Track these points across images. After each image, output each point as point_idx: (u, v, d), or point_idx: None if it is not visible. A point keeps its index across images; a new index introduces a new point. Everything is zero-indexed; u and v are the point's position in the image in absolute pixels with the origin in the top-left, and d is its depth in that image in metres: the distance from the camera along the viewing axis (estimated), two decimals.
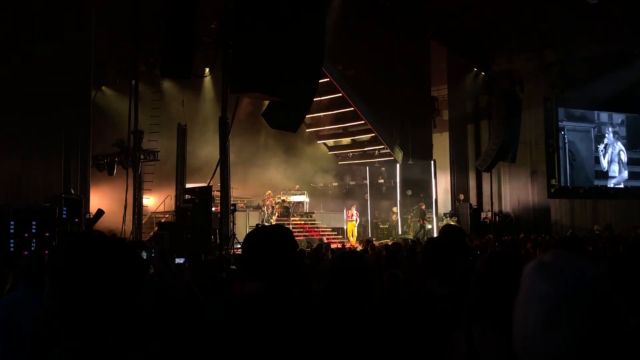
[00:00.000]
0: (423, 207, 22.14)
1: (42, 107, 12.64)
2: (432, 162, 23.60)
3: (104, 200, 17.38)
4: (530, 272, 1.37)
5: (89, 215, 12.38)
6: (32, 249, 9.85)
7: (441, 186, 24.05)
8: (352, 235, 20.04)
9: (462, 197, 23.62)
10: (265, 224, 18.01)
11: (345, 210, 21.29)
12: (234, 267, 6.42)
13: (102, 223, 12.56)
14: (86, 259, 1.55)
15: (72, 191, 12.49)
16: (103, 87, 19.38)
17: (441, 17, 19.40)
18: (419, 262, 6.90)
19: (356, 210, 20.39)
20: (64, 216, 11.15)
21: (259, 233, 2.21)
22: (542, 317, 1.29)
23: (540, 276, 1.34)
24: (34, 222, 10.24)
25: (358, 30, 19.82)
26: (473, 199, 24.34)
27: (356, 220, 20.43)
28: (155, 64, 16.73)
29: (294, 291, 2.08)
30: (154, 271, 2.99)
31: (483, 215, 23.46)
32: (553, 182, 22.35)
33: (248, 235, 2.22)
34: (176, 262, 6.25)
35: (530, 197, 24.13)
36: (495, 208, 24.48)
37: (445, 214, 23.11)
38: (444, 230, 3.96)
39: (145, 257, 3.04)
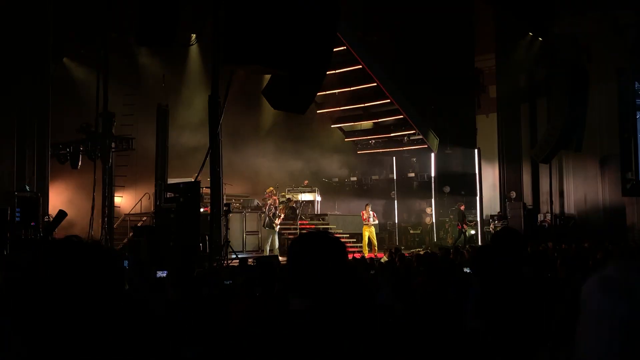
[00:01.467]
0: (462, 208, 22.07)
1: None
2: (476, 151, 23.53)
3: (66, 199, 17.55)
4: (597, 289, 1.40)
5: (49, 217, 12.50)
6: None
7: (487, 181, 23.98)
8: (372, 244, 19.64)
9: (513, 194, 23.53)
10: (267, 228, 18.09)
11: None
12: (229, 282, 6.46)
13: (64, 227, 12.68)
14: (69, 281, 1.55)
15: (27, 188, 12.61)
16: (64, 59, 19.49)
17: None
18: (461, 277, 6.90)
19: (372, 210, 19.99)
20: (17, 219, 11.27)
21: (303, 241, 2.32)
22: (617, 342, 1.31)
23: (610, 294, 1.37)
24: None
25: None
26: (527, 198, 24.21)
27: (373, 223, 19.94)
28: (129, 29, 16.79)
29: (345, 310, 2.15)
30: (128, 286, 3.03)
31: (540, 217, 23.35)
32: (629, 175, 22.15)
33: (294, 242, 2.34)
34: (157, 275, 6.30)
35: (599, 195, 23.93)
36: (556, 209, 24.34)
37: (492, 216, 23.04)
38: (498, 235, 3.96)
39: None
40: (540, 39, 23.00)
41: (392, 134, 24.81)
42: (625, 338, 1.31)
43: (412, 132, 23.66)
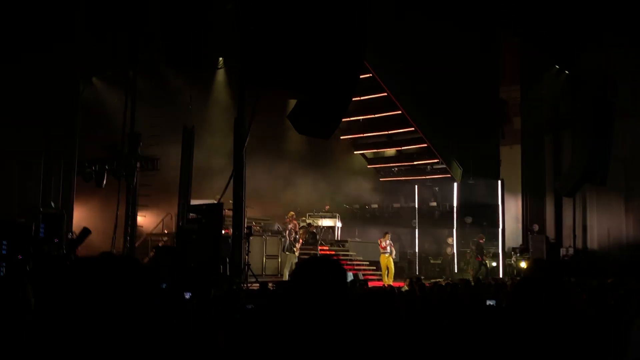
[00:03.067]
0: (482, 241, 21.78)
1: (17, 102, 12.92)
2: (500, 182, 23.35)
3: (90, 216, 17.67)
4: None
5: (72, 234, 12.57)
6: (0, 274, 10.03)
7: (510, 213, 23.76)
8: (388, 273, 19.40)
9: (536, 227, 23.28)
10: (287, 252, 18.03)
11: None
12: (251, 307, 6.42)
13: (87, 245, 12.74)
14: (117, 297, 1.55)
15: (53, 204, 12.73)
16: (93, 79, 19.76)
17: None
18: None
19: (390, 240, 19.80)
20: (42, 234, 11.35)
21: (308, 267, 2.31)
22: None
23: None
24: (4, 241, 10.43)
25: (410, 16, 19.87)
26: (550, 231, 23.94)
27: (391, 252, 19.78)
28: (158, 50, 17.01)
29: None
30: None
31: (563, 251, 23.06)
32: None
33: (296, 268, 2.34)
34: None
35: (624, 230, 23.60)
36: (579, 243, 24.03)
37: (514, 249, 22.78)
38: (537, 265, 3.89)
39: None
40: (566, 72, 22.92)
41: (415, 162, 24.75)
42: None
43: (435, 161, 23.60)
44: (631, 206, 23.34)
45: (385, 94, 21.14)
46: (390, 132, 24.14)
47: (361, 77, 14.74)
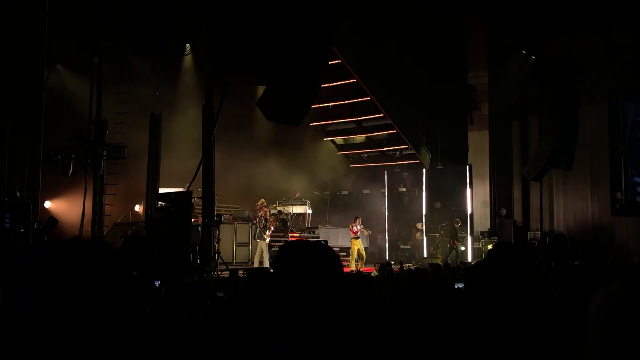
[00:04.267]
0: (457, 225, 21.99)
1: None
2: (468, 167, 23.59)
3: (56, 206, 17.47)
4: (603, 306, 1.40)
5: (39, 224, 12.40)
6: None
7: (478, 198, 24.03)
8: (360, 257, 19.29)
9: (504, 211, 23.60)
10: (258, 240, 18.01)
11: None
12: (221, 295, 6.42)
13: (54, 235, 12.60)
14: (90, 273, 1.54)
15: (18, 194, 12.51)
16: (58, 66, 19.44)
17: None
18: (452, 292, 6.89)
19: (361, 224, 19.70)
20: (7, 225, 11.18)
21: (296, 249, 2.19)
22: (621, 358, 1.31)
23: (615, 311, 1.37)
24: None
25: (378, 1, 19.87)
26: (518, 215, 24.29)
27: (362, 236, 19.59)
28: (124, 36, 16.78)
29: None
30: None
31: (530, 235, 23.41)
32: (619, 195, 22.25)
33: (281, 251, 2.18)
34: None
35: (589, 214, 24.06)
36: (546, 226, 24.42)
37: (482, 233, 23.09)
38: (499, 248, 3.93)
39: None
40: (533, 57, 23.15)
41: (384, 149, 24.89)
42: (629, 354, 1.31)
43: (404, 147, 23.76)
44: (596, 190, 23.78)
45: (354, 80, 21.17)
46: (359, 118, 24.22)
47: (330, 63, 14.72)
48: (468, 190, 23.23)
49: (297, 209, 22.07)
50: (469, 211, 23.04)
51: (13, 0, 13.17)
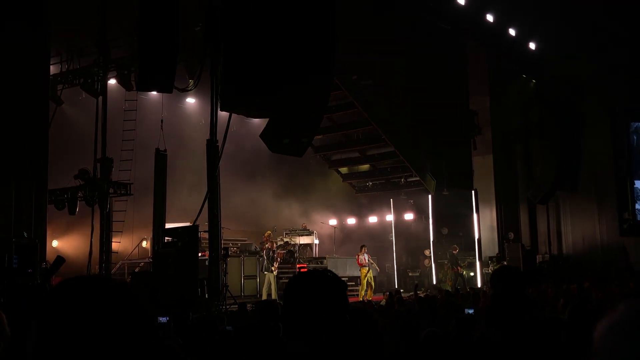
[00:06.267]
0: (456, 251, 21.80)
1: None
2: (473, 192, 23.54)
3: (64, 245, 17.46)
4: (608, 331, 1.38)
5: (46, 264, 12.39)
6: None
7: (485, 223, 23.94)
8: (369, 287, 19.18)
9: (511, 235, 23.49)
10: (265, 272, 17.91)
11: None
12: (230, 328, 6.38)
13: (61, 274, 12.56)
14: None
15: (25, 234, 12.53)
16: (63, 105, 19.59)
17: (478, 12, 19.62)
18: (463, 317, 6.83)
19: (367, 253, 19.58)
20: (15, 266, 11.17)
21: (304, 279, 2.26)
22: None
23: (620, 333, 1.35)
24: None
25: (377, 30, 20.05)
26: (525, 238, 24.17)
27: (370, 266, 19.51)
28: (129, 74, 16.94)
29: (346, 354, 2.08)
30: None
31: (539, 258, 23.27)
32: (626, 215, 22.17)
33: (290, 281, 2.26)
34: (159, 321, 6.23)
35: (597, 235, 23.91)
36: (554, 249, 24.29)
37: (490, 258, 22.93)
38: (496, 274, 3.91)
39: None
40: (533, 80, 23.25)
41: (389, 177, 24.88)
42: None
43: (409, 174, 23.74)
44: (604, 210, 23.65)
45: (356, 109, 21.26)
46: (363, 147, 24.28)
47: (332, 93, 14.82)
48: (475, 215, 23.14)
49: (304, 240, 22.00)
50: (476, 236, 22.93)
51: (17, 41, 13.29)
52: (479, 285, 21.21)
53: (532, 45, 22.50)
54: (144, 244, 20.49)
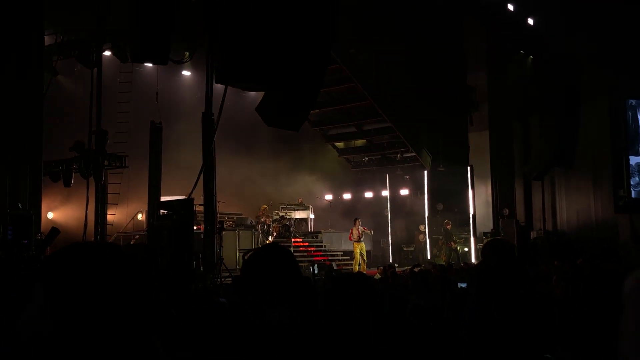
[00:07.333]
0: (449, 227, 21.91)
1: None
2: (469, 168, 23.60)
3: (59, 216, 17.49)
4: (636, 285, 1.51)
5: (41, 235, 12.41)
6: None
7: (480, 198, 24.03)
8: (363, 260, 19.35)
9: (506, 211, 23.58)
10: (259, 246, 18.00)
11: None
12: (223, 300, 6.44)
13: (56, 245, 12.61)
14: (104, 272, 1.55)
15: (20, 205, 12.55)
16: (58, 76, 19.48)
17: None
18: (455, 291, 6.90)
19: (362, 225, 19.59)
20: (9, 237, 11.20)
21: (264, 253, 2.38)
22: None
23: None
24: None
25: (374, 6, 19.92)
26: (520, 215, 24.27)
27: (363, 234, 19.45)
28: (124, 46, 16.84)
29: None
30: None
31: (533, 234, 23.39)
32: (621, 193, 22.23)
33: (251, 258, 2.36)
34: None
35: (592, 212, 23.99)
36: (549, 225, 24.40)
37: (485, 233, 23.05)
38: (488, 246, 3.95)
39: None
40: (531, 57, 23.17)
41: (385, 152, 24.90)
42: None
43: (405, 149, 23.77)
44: (599, 187, 23.70)
45: (353, 84, 21.20)
46: (359, 122, 24.25)
47: (329, 68, 14.77)
48: (470, 191, 23.22)
49: (299, 214, 22.10)
50: (471, 212, 23.04)
51: (11, 12, 13.18)
52: (473, 260, 21.35)
53: (530, 21, 22.37)
54: (139, 216, 20.54)
